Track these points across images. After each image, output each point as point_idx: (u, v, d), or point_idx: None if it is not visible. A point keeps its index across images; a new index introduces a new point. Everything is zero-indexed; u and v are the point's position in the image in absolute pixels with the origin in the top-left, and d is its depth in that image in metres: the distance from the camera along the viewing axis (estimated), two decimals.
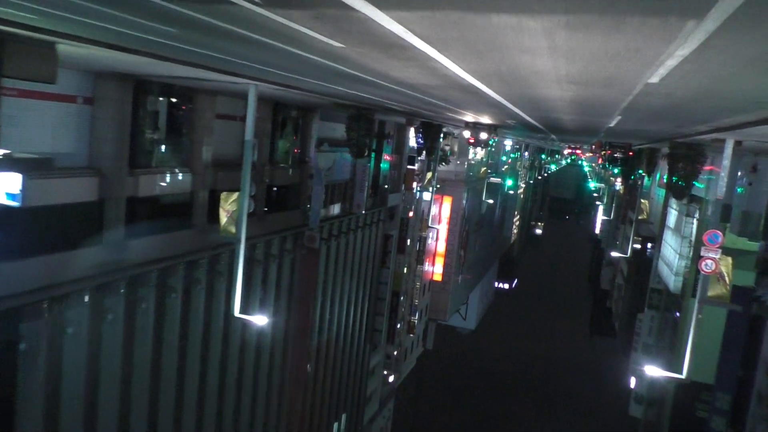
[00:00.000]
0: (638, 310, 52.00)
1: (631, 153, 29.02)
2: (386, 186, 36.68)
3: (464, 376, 69.76)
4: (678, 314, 36.54)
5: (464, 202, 56.71)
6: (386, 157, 36.02)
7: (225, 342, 20.03)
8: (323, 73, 10.26)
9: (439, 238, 52.25)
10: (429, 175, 33.43)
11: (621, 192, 53.05)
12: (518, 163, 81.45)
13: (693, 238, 32.90)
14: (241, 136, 21.12)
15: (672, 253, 34.90)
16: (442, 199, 51.54)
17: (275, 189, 23.31)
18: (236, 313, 13.85)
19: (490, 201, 59.52)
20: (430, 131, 27.33)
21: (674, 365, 36.76)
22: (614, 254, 30.72)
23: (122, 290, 15.16)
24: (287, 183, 24.22)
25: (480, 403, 66.59)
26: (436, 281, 53.62)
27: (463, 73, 7.46)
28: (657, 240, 44.05)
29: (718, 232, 13.39)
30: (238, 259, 13.71)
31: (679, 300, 34.92)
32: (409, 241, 41.71)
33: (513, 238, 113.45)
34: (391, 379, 43.95)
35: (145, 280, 16.00)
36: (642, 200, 25.28)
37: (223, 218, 13.74)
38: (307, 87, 13.59)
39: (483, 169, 50.95)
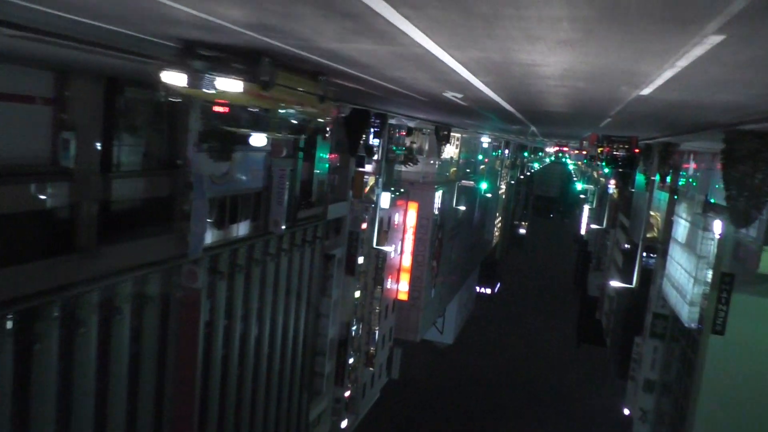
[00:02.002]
0: (634, 330, 45.16)
1: (636, 150, 21.84)
2: (330, 193, 29.25)
3: (438, 402, 62.44)
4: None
5: (436, 206, 49.40)
6: (330, 156, 28.50)
7: None
8: None
9: (404, 251, 44.89)
10: (371, 180, 26.01)
11: (615, 195, 46.14)
12: (497, 162, 74.34)
13: (712, 258, 25.85)
14: (45, 127, 13.53)
15: (683, 275, 27.80)
16: (406, 206, 44.15)
17: (123, 207, 15.73)
18: None
19: (462, 207, 52.21)
20: (364, 120, 19.92)
21: (688, 411, 29.83)
22: (614, 284, 23.40)
23: None
24: (147, 197, 16.60)
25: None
26: (403, 300, 46.24)
27: None
28: (658, 252, 37.14)
29: None
30: None
31: (695, 335, 27.87)
32: (362, 258, 34.29)
33: (495, 240, 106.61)
34: (344, 424, 36.49)
35: None
36: (652, 213, 18.33)
37: None
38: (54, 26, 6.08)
39: (453, 169, 43.75)
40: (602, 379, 63.79)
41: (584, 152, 56.77)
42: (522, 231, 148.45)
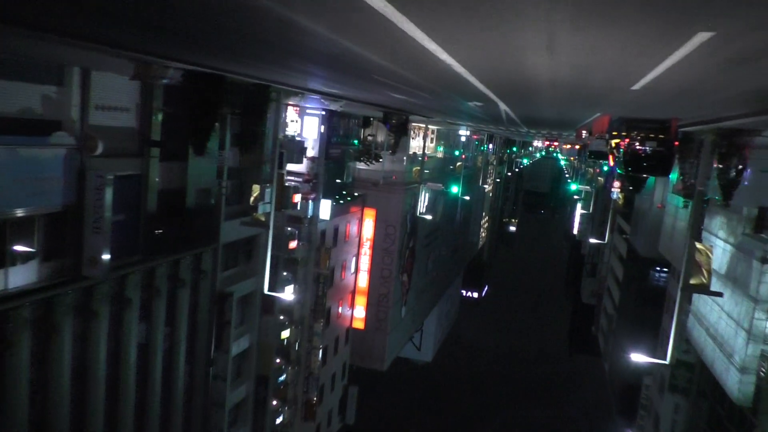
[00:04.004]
0: (642, 366, 37.15)
1: (676, 142, 13.52)
2: (236, 205, 20.88)
3: None
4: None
5: (405, 211, 40.98)
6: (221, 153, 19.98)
7: None
8: None
9: (359, 269, 36.47)
10: (256, 189, 17.70)
11: (620, 201, 37.96)
12: (480, 157, 65.88)
13: None
14: None
15: (727, 323, 19.50)
16: (362, 214, 35.69)
17: None
18: None
19: (439, 210, 43.82)
20: (217, 93, 11.36)
21: None
22: (637, 358, 15.17)
23: None
24: None
25: None
26: (359, 329, 37.84)
27: None
28: (674, 273, 29.03)
29: None
30: None
31: (748, 416, 19.58)
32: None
33: (481, 242, 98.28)
34: None
35: None
36: (699, 246, 10.86)
37: None
38: None
39: (416, 168, 35.49)
40: (603, 411, 55.71)
41: (578, 147, 48.27)
42: (512, 228, 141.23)
